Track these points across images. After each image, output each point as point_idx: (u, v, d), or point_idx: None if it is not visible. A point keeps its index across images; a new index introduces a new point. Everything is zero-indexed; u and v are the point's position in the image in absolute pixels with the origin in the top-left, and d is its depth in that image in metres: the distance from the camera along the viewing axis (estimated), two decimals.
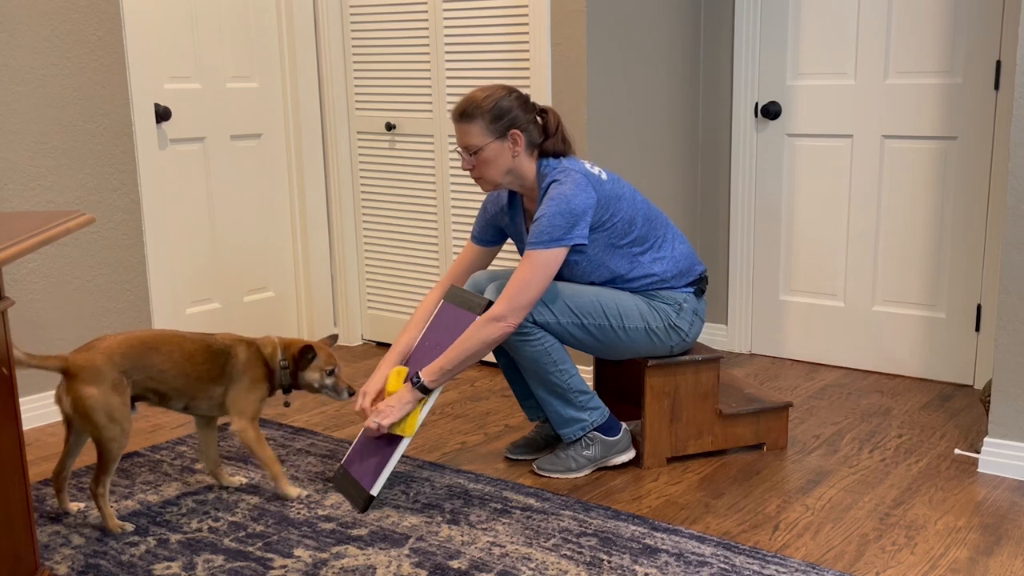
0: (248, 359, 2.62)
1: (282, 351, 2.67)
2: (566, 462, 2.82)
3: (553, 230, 2.58)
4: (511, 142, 2.65)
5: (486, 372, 3.85)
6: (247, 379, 2.61)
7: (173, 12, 3.66)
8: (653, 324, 2.75)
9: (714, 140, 3.98)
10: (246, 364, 2.62)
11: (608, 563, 2.29)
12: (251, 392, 2.62)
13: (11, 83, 3.15)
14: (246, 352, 2.63)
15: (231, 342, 2.63)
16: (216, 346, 2.60)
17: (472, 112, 2.64)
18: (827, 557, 2.34)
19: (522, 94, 2.70)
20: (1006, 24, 3.30)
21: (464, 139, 2.67)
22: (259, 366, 2.64)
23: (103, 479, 2.45)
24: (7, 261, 1.73)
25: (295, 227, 4.17)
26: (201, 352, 2.57)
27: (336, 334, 2.94)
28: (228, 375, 2.60)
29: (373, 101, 4.03)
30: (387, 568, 2.29)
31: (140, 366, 2.47)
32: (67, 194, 3.33)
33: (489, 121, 2.64)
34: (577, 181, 2.62)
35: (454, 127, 2.70)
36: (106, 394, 2.39)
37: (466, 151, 2.67)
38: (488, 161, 2.66)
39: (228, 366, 2.60)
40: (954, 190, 3.50)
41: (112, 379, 2.41)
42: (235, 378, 2.60)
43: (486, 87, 2.69)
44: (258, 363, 2.64)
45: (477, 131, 2.64)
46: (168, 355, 2.52)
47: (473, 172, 2.70)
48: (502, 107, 2.64)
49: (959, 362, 3.61)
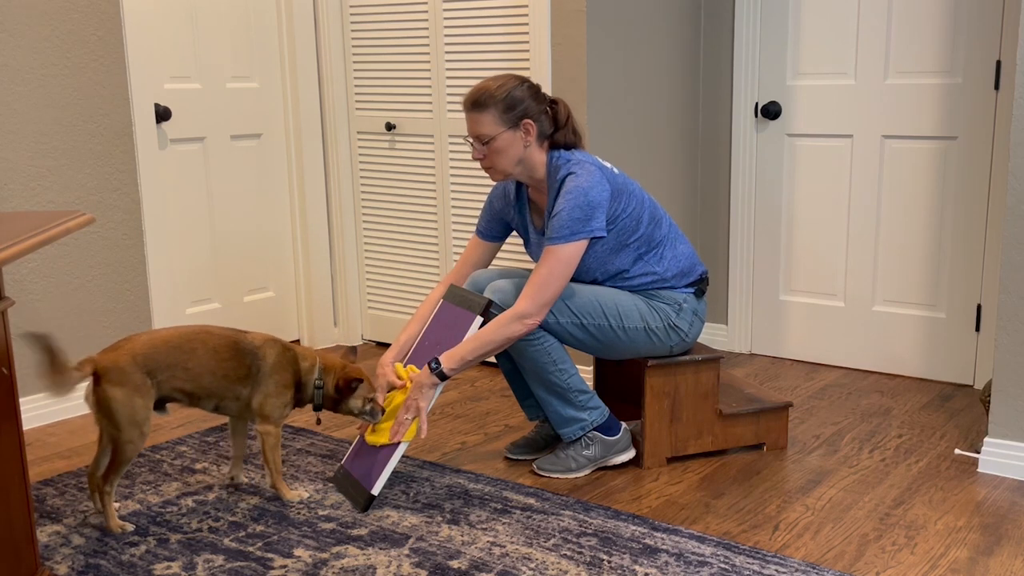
0: (277, 362, 2.56)
1: (320, 371, 2.61)
2: (566, 462, 2.82)
3: (573, 224, 2.58)
4: (523, 132, 2.65)
5: (486, 372, 3.85)
6: (273, 382, 2.56)
7: (173, 12, 3.66)
8: (653, 324, 2.75)
9: (714, 140, 3.98)
10: (274, 366, 2.56)
11: (608, 563, 2.29)
12: (278, 396, 2.57)
13: (11, 83, 3.15)
14: (276, 354, 2.57)
15: (262, 342, 2.57)
16: (245, 344, 2.54)
17: (485, 101, 2.62)
18: (827, 557, 2.34)
19: (534, 84, 2.69)
20: (1006, 24, 3.30)
21: (476, 128, 2.65)
22: (288, 371, 2.57)
23: (112, 478, 2.44)
24: (7, 261, 1.73)
25: (295, 227, 4.17)
26: (228, 349, 2.51)
27: (355, 347, 2.87)
28: (254, 376, 2.54)
29: (373, 101, 4.03)
30: (387, 568, 2.29)
31: (166, 366, 2.44)
32: (67, 194, 3.33)
33: (502, 111, 2.62)
34: (592, 173, 2.62)
35: (465, 116, 2.67)
36: (129, 396, 2.38)
37: (478, 140, 2.66)
38: (500, 151, 2.65)
39: (255, 366, 2.54)
40: (954, 190, 3.50)
41: (136, 381, 2.39)
42: (261, 380, 2.55)
43: (498, 76, 2.67)
44: (287, 368, 2.57)
45: (489, 120, 2.63)
46: (193, 353, 2.48)
47: (484, 162, 2.69)
48: (515, 96, 2.63)
49: (959, 362, 3.61)
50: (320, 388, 2.62)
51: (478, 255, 2.93)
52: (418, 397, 2.58)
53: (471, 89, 2.67)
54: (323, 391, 2.62)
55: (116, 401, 2.37)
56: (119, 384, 2.37)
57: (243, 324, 4.04)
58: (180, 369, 2.46)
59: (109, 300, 3.47)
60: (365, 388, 2.63)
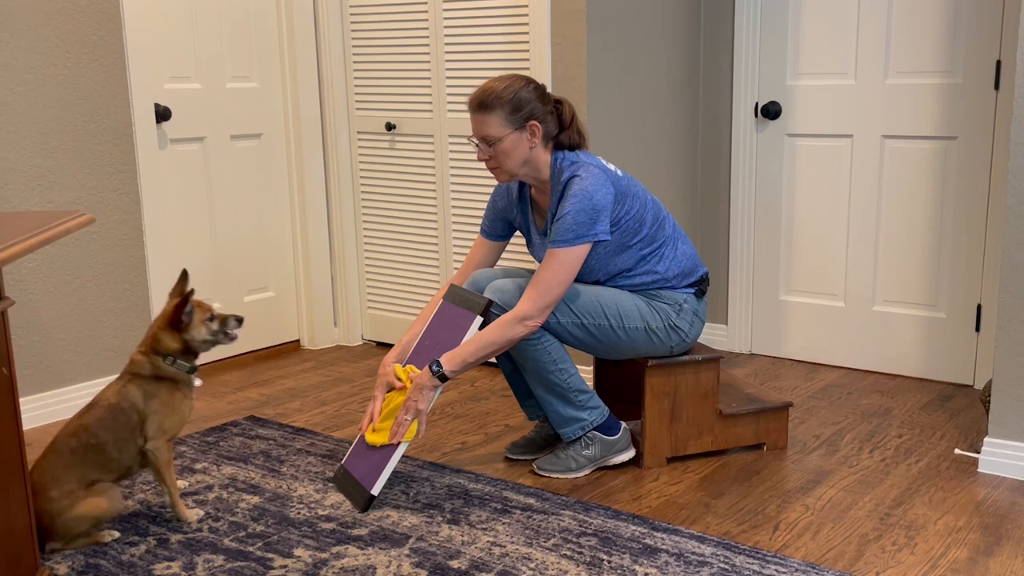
0: (138, 391, 2.41)
1: (152, 347, 2.43)
2: (566, 462, 2.82)
3: (578, 227, 2.58)
4: (529, 133, 2.64)
5: (486, 372, 3.85)
6: (155, 404, 2.42)
7: (173, 12, 3.66)
8: (653, 324, 2.75)
9: (714, 140, 3.98)
10: (143, 396, 2.41)
11: (608, 563, 2.29)
12: (167, 416, 2.44)
13: (11, 83, 3.15)
14: (131, 387, 2.42)
15: (113, 394, 2.41)
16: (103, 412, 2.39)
17: (491, 103, 2.61)
18: (827, 557, 2.34)
19: (539, 84, 2.68)
20: (1006, 24, 3.30)
21: (482, 130, 2.64)
22: (150, 385, 2.42)
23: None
24: (7, 261, 1.73)
25: (295, 227, 4.17)
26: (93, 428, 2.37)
27: (184, 269, 2.52)
28: (140, 418, 2.41)
29: (373, 101, 4.03)
30: (387, 568, 2.29)
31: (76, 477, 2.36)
32: (67, 194, 3.33)
33: (508, 112, 2.61)
34: (596, 176, 2.61)
35: (470, 117, 2.66)
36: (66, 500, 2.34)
37: (484, 142, 2.65)
38: (506, 152, 2.64)
39: (132, 411, 2.41)
40: (954, 190, 3.50)
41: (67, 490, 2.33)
42: (146, 415, 2.41)
43: (504, 77, 2.66)
44: (145, 385, 2.42)
45: (496, 122, 2.62)
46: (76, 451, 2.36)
47: (490, 163, 2.68)
48: (521, 98, 2.62)
49: (959, 362, 3.61)
50: (172, 359, 2.43)
51: (483, 255, 2.93)
52: (418, 398, 2.58)
53: (476, 90, 2.66)
54: (168, 350, 2.43)
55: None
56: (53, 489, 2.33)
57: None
58: (82, 468, 2.37)
59: (109, 300, 3.47)
60: (198, 312, 2.44)
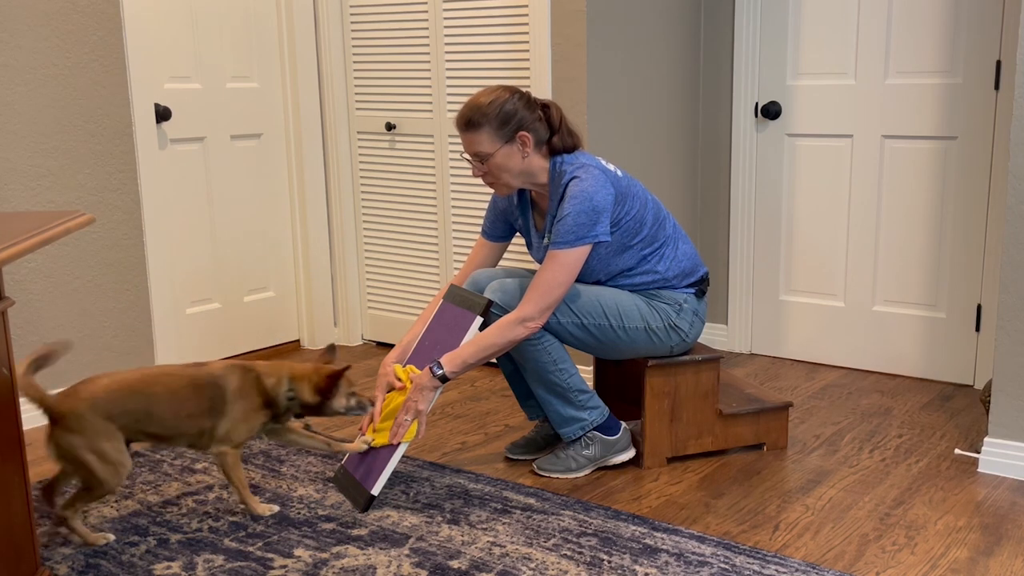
0: (239, 388, 2.47)
1: (288, 382, 2.51)
2: (566, 462, 2.82)
3: (578, 228, 2.58)
4: (519, 144, 2.64)
5: (486, 372, 3.85)
6: (239, 408, 2.46)
7: (173, 12, 3.66)
8: (653, 324, 2.75)
9: (714, 140, 3.98)
10: (237, 393, 2.46)
11: (608, 563, 2.29)
12: (245, 422, 2.48)
13: (11, 83, 3.15)
14: (238, 380, 2.47)
15: (221, 371, 2.47)
16: (203, 378, 2.45)
17: (478, 120, 2.60)
18: (827, 557, 2.34)
19: (524, 93, 2.68)
20: (1006, 24, 3.30)
21: (472, 147, 2.64)
22: (253, 395, 2.48)
23: (78, 507, 2.39)
24: (7, 261, 1.73)
25: (295, 227, 4.17)
26: (187, 387, 2.43)
27: (334, 344, 2.73)
28: (218, 406, 2.45)
29: (373, 101, 4.03)
30: (387, 568, 2.29)
31: (126, 411, 2.36)
32: (67, 194, 3.33)
33: (496, 127, 2.61)
34: (596, 177, 2.61)
35: (460, 136, 2.66)
36: (91, 442, 2.32)
37: (476, 158, 2.65)
38: (500, 166, 2.64)
39: (217, 396, 2.44)
40: (954, 190, 3.50)
41: (98, 427, 2.32)
42: (226, 409, 2.45)
43: (488, 90, 2.66)
44: (252, 392, 2.48)
45: (485, 138, 2.62)
46: (153, 396, 2.40)
47: (486, 178, 2.68)
48: (507, 111, 2.61)
49: (959, 362, 3.61)
50: (293, 399, 2.52)
51: (484, 256, 2.93)
52: (418, 399, 2.58)
53: (462, 108, 2.65)
54: (299, 400, 2.52)
55: (78, 448, 2.31)
56: (78, 432, 2.31)
57: (243, 324, 4.04)
58: (142, 413, 2.39)
59: (109, 300, 3.47)
60: (344, 385, 2.54)
